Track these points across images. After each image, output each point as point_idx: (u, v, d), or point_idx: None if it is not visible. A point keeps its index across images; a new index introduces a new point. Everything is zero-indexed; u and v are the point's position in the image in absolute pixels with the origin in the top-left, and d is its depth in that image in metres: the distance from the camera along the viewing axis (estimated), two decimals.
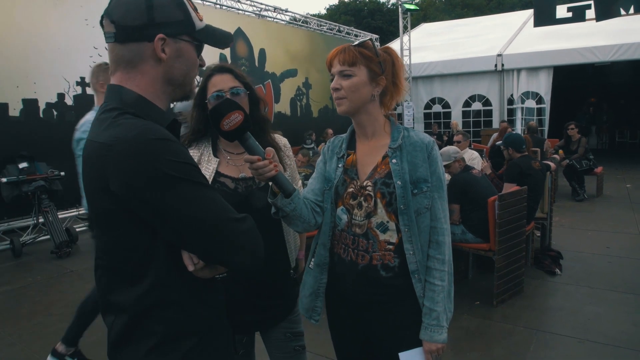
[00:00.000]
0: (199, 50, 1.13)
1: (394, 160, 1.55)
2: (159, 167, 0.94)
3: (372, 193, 1.54)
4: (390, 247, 1.54)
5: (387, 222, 1.54)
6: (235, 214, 1.04)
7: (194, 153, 1.80)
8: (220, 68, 1.77)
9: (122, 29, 1.03)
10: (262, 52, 11.05)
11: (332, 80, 1.56)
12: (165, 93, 1.10)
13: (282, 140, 1.94)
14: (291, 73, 12.14)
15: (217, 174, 1.75)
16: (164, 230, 1.00)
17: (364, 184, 1.57)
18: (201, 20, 1.12)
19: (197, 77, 1.21)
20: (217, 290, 1.19)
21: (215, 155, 1.79)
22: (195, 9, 1.11)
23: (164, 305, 1.04)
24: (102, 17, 1.06)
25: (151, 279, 1.02)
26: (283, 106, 11.88)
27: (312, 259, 1.68)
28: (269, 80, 11.27)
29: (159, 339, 1.04)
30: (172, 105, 3.09)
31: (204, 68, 1.75)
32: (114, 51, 1.05)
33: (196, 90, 1.68)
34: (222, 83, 1.73)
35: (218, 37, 1.15)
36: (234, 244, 1.02)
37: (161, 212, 0.96)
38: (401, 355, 1.55)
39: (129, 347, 1.06)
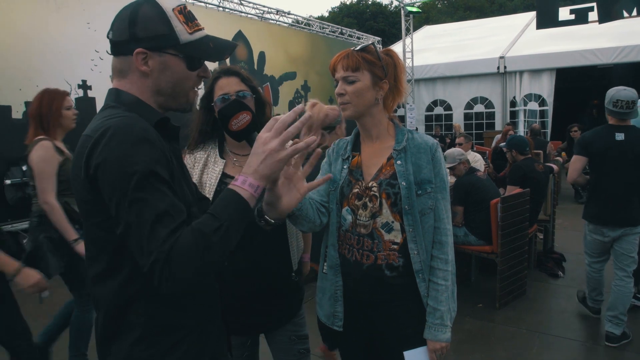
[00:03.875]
0: (191, 62, 1.12)
1: (398, 162, 1.56)
2: (124, 163, 0.96)
3: (377, 194, 1.56)
4: (395, 247, 1.56)
5: (392, 222, 1.56)
6: (170, 225, 0.95)
7: (200, 155, 1.81)
8: (227, 71, 1.78)
9: (112, 43, 1.11)
10: (262, 55, 11.06)
11: (336, 85, 1.58)
12: (156, 103, 1.14)
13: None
14: (290, 76, 12.14)
15: (224, 175, 1.76)
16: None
17: (369, 184, 1.58)
18: (191, 32, 1.11)
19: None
20: (207, 286, 1.20)
21: (222, 157, 1.81)
22: (187, 22, 1.11)
23: (145, 297, 1.05)
24: None
25: (128, 270, 1.04)
26: (282, 109, 11.88)
27: (325, 263, 1.68)
28: (268, 83, 11.28)
29: (140, 332, 1.05)
30: None
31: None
32: (112, 62, 1.14)
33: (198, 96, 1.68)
34: (229, 86, 1.74)
35: (211, 51, 1.14)
36: (144, 248, 0.95)
37: (112, 202, 0.97)
38: (406, 354, 1.57)
39: (113, 341, 1.08)
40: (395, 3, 31.37)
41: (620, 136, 3.14)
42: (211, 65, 1.82)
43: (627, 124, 3.18)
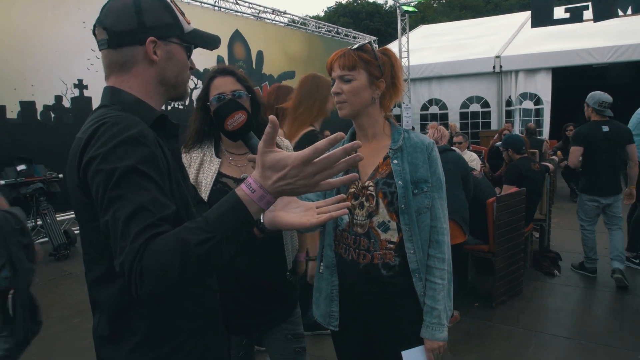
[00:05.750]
0: (189, 52, 1.15)
1: (395, 161, 1.56)
2: (106, 160, 0.92)
3: (374, 193, 1.56)
4: (391, 246, 1.56)
5: (389, 221, 1.56)
6: (143, 232, 0.86)
7: (196, 154, 1.80)
8: (223, 70, 1.78)
9: (114, 34, 1.06)
10: (260, 54, 11.05)
11: (333, 84, 1.57)
12: (158, 93, 1.13)
13: (284, 142, 1.95)
14: (289, 75, 12.14)
15: (219, 174, 1.76)
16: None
17: (366, 184, 1.58)
18: (189, 23, 1.15)
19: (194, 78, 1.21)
20: (209, 288, 1.18)
21: (218, 156, 1.81)
22: (182, 13, 1.14)
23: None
24: (95, 26, 1.10)
25: None
26: None
27: (321, 263, 1.68)
28: (266, 82, 11.28)
29: (141, 336, 1.04)
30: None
31: (194, 70, 1.74)
32: (108, 57, 1.09)
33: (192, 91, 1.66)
34: (224, 86, 1.73)
35: (206, 39, 1.17)
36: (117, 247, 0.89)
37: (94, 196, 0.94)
38: (403, 353, 1.57)
39: (112, 345, 1.06)
40: (391, 2, 31.42)
41: (605, 128, 4.22)
42: (210, 64, 1.81)
43: (606, 118, 4.27)
